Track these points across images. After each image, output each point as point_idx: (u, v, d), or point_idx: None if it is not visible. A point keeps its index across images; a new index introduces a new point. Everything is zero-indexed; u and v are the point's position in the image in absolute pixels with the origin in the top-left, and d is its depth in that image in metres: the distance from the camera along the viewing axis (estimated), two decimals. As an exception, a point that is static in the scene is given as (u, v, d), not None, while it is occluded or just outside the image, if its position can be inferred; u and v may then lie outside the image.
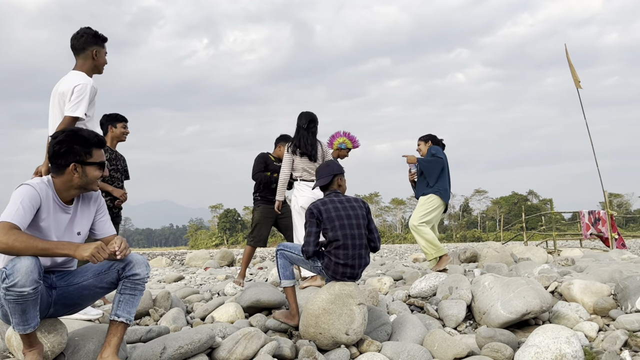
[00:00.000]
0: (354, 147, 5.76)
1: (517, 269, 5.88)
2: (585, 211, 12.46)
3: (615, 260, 7.05)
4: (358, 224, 3.59)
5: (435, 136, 6.06)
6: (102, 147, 2.65)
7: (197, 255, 11.68)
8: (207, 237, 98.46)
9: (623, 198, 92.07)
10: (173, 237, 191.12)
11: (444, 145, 6.16)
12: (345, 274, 3.51)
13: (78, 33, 3.66)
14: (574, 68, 11.53)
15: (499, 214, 46.31)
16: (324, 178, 3.80)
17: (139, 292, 2.68)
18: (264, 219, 5.54)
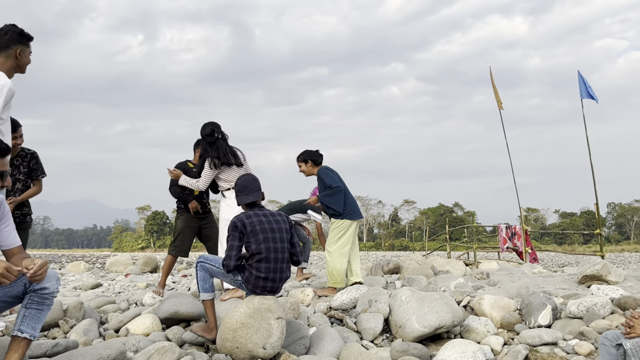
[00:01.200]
0: None
1: (435, 282, 6.10)
2: (503, 225, 13.13)
3: (526, 274, 7.48)
4: (281, 237, 3.62)
5: (313, 152, 5.56)
6: (5, 155, 2.51)
7: (119, 260, 11.24)
8: (132, 240, 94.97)
9: (539, 213, 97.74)
10: (96, 238, 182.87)
11: (322, 157, 5.70)
12: (265, 287, 3.52)
13: (2, 30, 3.42)
14: (497, 90, 12.17)
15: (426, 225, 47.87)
16: (254, 193, 3.77)
17: (46, 307, 2.56)
18: (187, 228, 5.42)
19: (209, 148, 5.00)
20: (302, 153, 5.55)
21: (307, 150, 5.57)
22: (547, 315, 3.98)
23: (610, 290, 4.54)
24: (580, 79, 10.75)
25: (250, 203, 3.76)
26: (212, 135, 5.03)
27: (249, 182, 3.81)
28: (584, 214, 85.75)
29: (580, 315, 3.98)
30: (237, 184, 3.83)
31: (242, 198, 3.77)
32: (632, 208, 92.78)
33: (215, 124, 5.09)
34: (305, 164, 5.52)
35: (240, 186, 3.80)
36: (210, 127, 5.04)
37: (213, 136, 5.02)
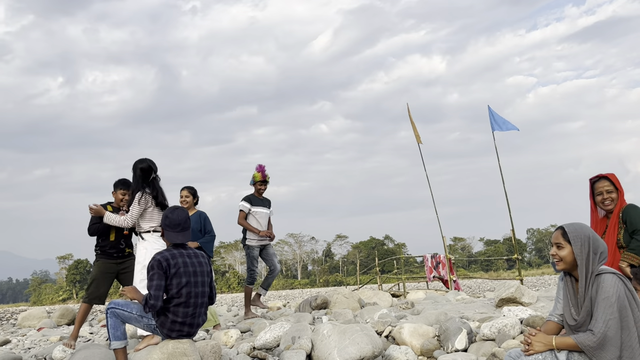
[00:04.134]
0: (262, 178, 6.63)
1: (362, 314, 6.16)
2: (429, 255, 13.54)
3: (450, 302, 7.72)
4: (203, 281, 3.52)
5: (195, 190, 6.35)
6: None
7: (32, 314, 10.49)
8: (53, 292, 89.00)
9: (466, 241, 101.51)
10: (12, 292, 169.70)
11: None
12: (182, 332, 3.41)
13: None
14: (415, 126, 12.73)
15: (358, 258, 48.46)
16: (185, 233, 3.55)
17: None
18: (102, 274, 5.19)
19: (144, 184, 4.78)
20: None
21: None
22: (462, 339, 4.12)
23: (520, 311, 4.78)
24: (490, 114, 11.47)
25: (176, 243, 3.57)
26: (150, 170, 4.84)
27: (182, 219, 3.54)
28: (507, 241, 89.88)
29: (493, 337, 4.15)
30: (169, 218, 3.54)
31: (171, 235, 3.52)
32: (549, 233, 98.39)
33: (152, 161, 4.91)
34: (194, 198, 6.16)
35: (173, 222, 3.52)
36: (147, 162, 4.85)
37: (150, 172, 4.84)
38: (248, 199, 6.59)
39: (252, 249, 6.53)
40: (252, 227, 6.43)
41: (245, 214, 6.52)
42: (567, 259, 2.52)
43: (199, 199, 6.24)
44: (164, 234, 3.60)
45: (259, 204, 6.63)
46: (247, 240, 6.55)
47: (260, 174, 6.63)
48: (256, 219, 6.52)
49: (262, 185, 6.66)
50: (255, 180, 6.63)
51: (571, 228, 2.53)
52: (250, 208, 6.53)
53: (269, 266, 6.80)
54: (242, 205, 6.54)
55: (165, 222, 3.57)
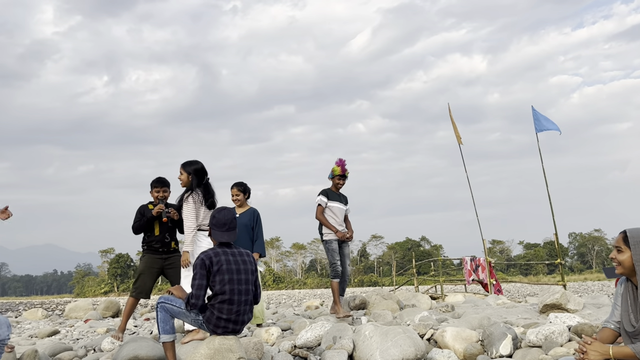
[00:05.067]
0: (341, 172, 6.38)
1: (401, 316, 6.13)
2: (468, 258, 13.32)
3: (491, 306, 7.59)
4: (247, 279, 3.57)
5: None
6: None
7: (79, 305, 10.86)
8: (95, 284, 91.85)
9: (504, 244, 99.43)
10: (57, 284, 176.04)
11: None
12: (227, 328, 3.47)
13: None
14: (456, 126, 12.55)
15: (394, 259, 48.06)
16: (231, 232, 3.62)
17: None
18: (148, 269, 5.34)
19: (197, 186, 4.98)
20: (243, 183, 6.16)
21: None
22: (507, 345, 4.05)
23: (567, 318, 4.66)
24: (534, 114, 11.20)
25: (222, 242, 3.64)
26: (204, 172, 5.06)
27: (228, 219, 3.61)
28: (547, 245, 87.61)
29: (539, 344, 4.06)
30: (216, 218, 3.62)
31: (218, 234, 3.60)
32: (592, 237, 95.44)
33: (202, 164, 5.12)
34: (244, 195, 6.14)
35: (220, 221, 3.60)
36: (201, 164, 5.06)
37: (204, 174, 5.06)
38: (325, 192, 6.41)
39: (331, 242, 6.30)
40: (330, 224, 6.24)
41: (323, 208, 6.32)
42: (625, 263, 2.46)
43: (250, 194, 6.21)
44: (211, 233, 3.68)
45: (336, 198, 6.41)
46: (325, 235, 6.35)
47: (340, 168, 6.38)
48: (332, 214, 6.34)
49: (340, 180, 6.42)
50: (334, 174, 6.41)
51: (634, 233, 2.46)
52: (327, 202, 6.33)
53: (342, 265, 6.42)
54: (319, 199, 6.35)
55: (212, 221, 3.65)
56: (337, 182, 6.42)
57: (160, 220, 5.35)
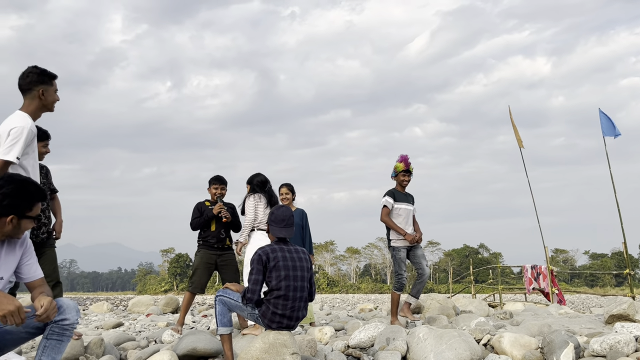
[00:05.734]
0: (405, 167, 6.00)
1: (456, 321, 6.01)
2: (529, 266, 12.87)
3: (552, 315, 7.31)
4: (302, 276, 3.62)
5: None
6: (44, 200, 2.65)
7: (141, 300, 11.33)
8: (156, 283, 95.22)
9: (568, 254, 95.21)
10: (121, 281, 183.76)
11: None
12: (281, 324, 3.53)
13: (24, 72, 3.51)
14: (517, 129, 12.18)
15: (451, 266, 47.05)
16: (289, 229, 3.70)
17: (66, 338, 2.63)
18: (203, 264, 5.51)
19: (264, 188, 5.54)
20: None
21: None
22: (569, 353, 3.89)
23: (634, 328, 4.42)
24: (601, 117, 10.70)
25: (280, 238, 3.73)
26: (265, 182, 5.61)
27: (286, 216, 3.70)
28: (615, 255, 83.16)
29: (604, 354, 3.88)
30: (275, 214, 3.71)
31: (276, 230, 3.68)
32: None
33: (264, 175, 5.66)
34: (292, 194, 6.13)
35: (278, 217, 3.69)
36: (263, 176, 5.62)
37: (266, 184, 5.60)
38: (391, 193, 5.99)
39: (399, 250, 5.90)
40: (397, 227, 5.84)
41: (389, 210, 5.92)
42: None
43: (295, 195, 6.38)
44: (269, 230, 3.77)
45: (403, 199, 6.01)
46: (393, 241, 5.95)
47: (403, 163, 5.97)
48: (400, 216, 5.94)
49: (405, 176, 5.99)
50: (398, 170, 6.00)
51: None
52: (394, 204, 5.94)
53: (417, 270, 6.08)
54: (385, 200, 5.95)
55: (271, 217, 3.74)
56: (402, 179, 6.01)
57: (218, 218, 5.53)
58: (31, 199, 2.57)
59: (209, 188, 5.71)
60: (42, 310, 2.40)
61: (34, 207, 2.59)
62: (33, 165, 3.50)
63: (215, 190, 5.62)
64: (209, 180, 5.73)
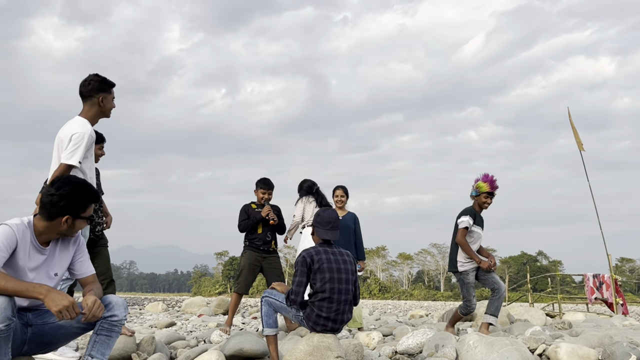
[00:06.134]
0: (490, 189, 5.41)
1: (511, 329, 5.79)
2: (590, 274, 12.28)
3: (616, 326, 6.92)
4: (347, 278, 3.58)
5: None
6: (97, 202, 2.74)
7: (194, 302, 11.60)
8: (210, 285, 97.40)
9: (635, 263, 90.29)
10: (177, 283, 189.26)
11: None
12: (326, 327, 3.49)
13: (86, 80, 3.69)
14: (576, 130, 11.66)
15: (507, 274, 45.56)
16: (334, 231, 3.68)
17: (115, 334, 2.70)
18: (249, 265, 5.57)
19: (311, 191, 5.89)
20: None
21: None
22: (632, 367, 3.65)
23: None
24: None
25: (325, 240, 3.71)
26: (312, 187, 5.93)
27: (332, 218, 3.70)
28: (687, 265, 78.19)
29: (672, 368, 3.62)
30: (321, 216, 3.71)
31: (321, 232, 3.67)
32: None
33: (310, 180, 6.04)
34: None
35: (324, 219, 3.69)
36: (310, 181, 6.00)
37: (313, 188, 5.92)
38: (472, 213, 5.42)
39: (467, 274, 5.37)
40: (474, 253, 5.34)
41: (467, 232, 5.37)
42: None
43: (348, 198, 6.32)
44: (314, 232, 3.75)
45: (479, 222, 5.50)
46: (461, 265, 5.41)
47: (488, 184, 5.39)
48: (472, 241, 5.44)
49: (488, 199, 5.43)
50: (481, 191, 5.42)
51: None
52: (472, 225, 5.40)
53: (490, 287, 5.46)
54: (465, 220, 5.37)
55: (316, 219, 3.72)
56: (484, 202, 5.43)
57: (265, 220, 5.58)
58: (86, 201, 2.66)
59: (255, 190, 5.77)
60: (86, 309, 2.47)
61: (87, 208, 2.68)
62: (90, 168, 3.66)
63: (263, 195, 5.68)
64: (256, 183, 5.80)
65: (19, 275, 2.54)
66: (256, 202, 5.76)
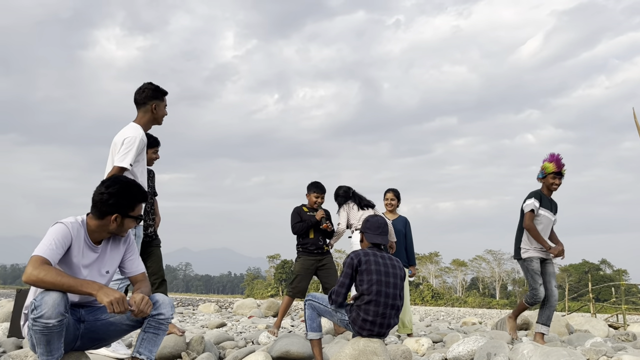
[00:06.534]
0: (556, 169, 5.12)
1: (570, 340, 5.52)
2: (658, 284, 11.62)
3: (686, 340, 6.47)
4: (395, 283, 3.52)
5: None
6: (146, 202, 2.81)
7: (245, 303, 11.76)
8: (262, 287, 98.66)
9: None
10: (230, 285, 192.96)
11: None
12: (372, 331, 3.43)
13: (140, 88, 3.88)
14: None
15: (567, 282, 43.65)
16: (383, 236, 3.71)
17: (162, 332, 2.75)
18: (304, 270, 5.60)
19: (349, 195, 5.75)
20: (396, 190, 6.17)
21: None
22: None
23: None
24: None
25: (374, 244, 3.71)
26: (348, 192, 5.80)
27: (382, 224, 3.74)
28: None
29: None
30: (370, 222, 3.75)
31: (370, 236, 3.70)
32: None
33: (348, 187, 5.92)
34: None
35: (374, 225, 3.73)
36: (345, 188, 5.85)
37: (349, 193, 5.79)
38: (538, 195, 5.14)
39: (531, 260, 5.09)
40: (542, 238, 5.03)
41: (534, 215, 5.08)
42: None
43: (400, 202, 6.24)
44: (362, 238, 3.75)
45: (547, 205, 5.18)
46: (525, 251, 5.15)
47: (554, 164, 5.11)
48: (540, 225, 5.13)
49: (556, 179, 5.13)
50: (547, 172, 5.15)
51: None
52: (538, 209, 5.12)
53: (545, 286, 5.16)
54: (530, 203, 5.09)
55: (365, 225, 3.75)
56: (552, 183, 5.13)
57: (316, 225, 5.58)
58: (134, 200, 2.72)
59: (308, 194, 5.78)
60: (134, 306, 2.52)
61: (136, 207, 2.75)
62: (142, 171, 3.80)
63: (317, 199, 5.71)
64: (307, 186, 5.81)
65: (73, 271, 2.63)
66: (307, 205, 5.77)
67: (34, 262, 2.42)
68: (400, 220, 6.00)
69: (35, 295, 2.45)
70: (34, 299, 2.40)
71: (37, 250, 2.48)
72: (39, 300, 2.37)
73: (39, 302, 2.36)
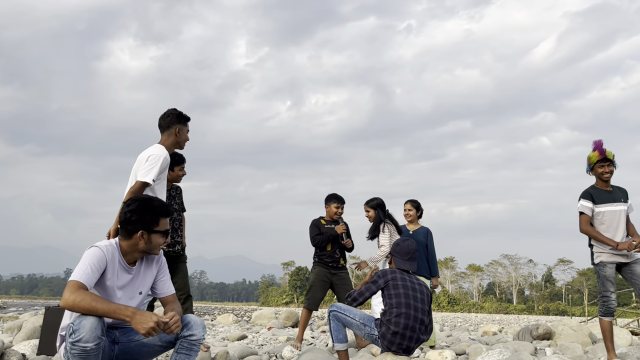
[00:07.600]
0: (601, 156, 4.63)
1: (594, 351, 5.48)
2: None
3: None
4: (423, 299, 3.61)
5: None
6: (169, 216, 2.86)
7: (263, 314, 11.81)
8: (277, 295, 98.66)
9: None
10: (245, 292, 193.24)
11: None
12: (401, 345, 3.46)
13: (165, 113, 4.11)
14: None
15: (586, 287, 43.00)
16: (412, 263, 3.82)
17: (194, 353, 2.80)
18: (319, 281, 5.61)
19: (384, 217, 5.67)
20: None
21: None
22: None
23: None
24: None
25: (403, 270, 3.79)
26: (384, 204, 5.75)
27: (412, 249, 3.82)
28: None
29: None
30: (400, 246, 3.82)
31: (399, 262, 3.78)
32: None
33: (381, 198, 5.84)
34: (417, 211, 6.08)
35: (403, 249, 3.80)
36: (380, 199, 5.77)
37: (384, 205, 5.74)
38: (588, 194, 4.67)
39: (603, 265, 4.55)
40: (603, 237, 4.52)
41: (589, 217, 4.63)
42: None
43: (422, 213, 6.20)
44: (392, 261, 3.81)
45: (606, 198, 4.62)
46: (597, 255, 4.62)
47: (597, 152, 4.62)
48: (603, 224, 4.60)
49: (604, 167, 4.62)
50: (592, 162, 4.67)
51: None
52: (593, 207, 4.63)
53: (637, 292, 4.61)
54: (581, 205, 4.67)
55: (395, 249, 3.83)
56: (601, 172, 4.63)
57: (334, 238, 5.60)
58: (156, 214, 2.77)
59: (327, 205, 5.77)
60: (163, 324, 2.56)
61: (160, 222, 2.79)
62: (161, 190, 3.91)
63: (337, 210, 5.71)
64: (326, 198, 5.81)
65: (108, 294, 2.69)
66: (325, 217, 5.79)
67: (70, 287, 2.48)
68: (422, 231, 6.01)
69: (73, 319, 2.51)
70: (71, 323, 2.46)
71: (74, 275, 2.54)
72: (77, 324, 2.43)
73: (77, 325, 2.42)
